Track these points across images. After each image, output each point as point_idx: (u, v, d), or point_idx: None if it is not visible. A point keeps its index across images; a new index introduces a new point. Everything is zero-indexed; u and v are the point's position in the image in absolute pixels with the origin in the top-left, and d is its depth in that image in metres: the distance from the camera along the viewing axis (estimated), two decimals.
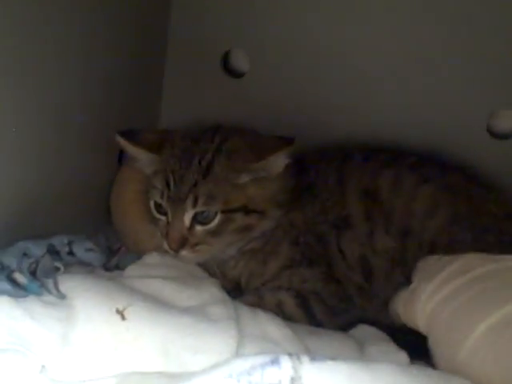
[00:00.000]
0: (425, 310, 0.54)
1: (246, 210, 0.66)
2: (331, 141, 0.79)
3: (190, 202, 0.65)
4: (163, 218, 0.68)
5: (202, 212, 0.65)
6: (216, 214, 0.65)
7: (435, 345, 0.54)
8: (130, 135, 0.69)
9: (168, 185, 0.66)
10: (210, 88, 0.85)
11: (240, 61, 0.85)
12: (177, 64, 0.85)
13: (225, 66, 0.85)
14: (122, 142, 0.69)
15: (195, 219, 0.66)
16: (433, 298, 0.54)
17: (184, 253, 0.66)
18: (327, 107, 0.82)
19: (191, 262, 0.69)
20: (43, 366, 0.48)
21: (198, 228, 0.66)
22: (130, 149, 0.70)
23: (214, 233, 0.66)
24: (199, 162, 0.66)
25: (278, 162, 0.66)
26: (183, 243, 0.66)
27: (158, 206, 0.68)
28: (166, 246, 0.67)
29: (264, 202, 0.67)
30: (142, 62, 0.81)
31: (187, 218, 0.66)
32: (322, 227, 0.69)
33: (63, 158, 0.69)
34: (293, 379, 0.42)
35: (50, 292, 0.55)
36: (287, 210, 0.69)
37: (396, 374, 0.44)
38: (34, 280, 0.55)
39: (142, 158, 0.71)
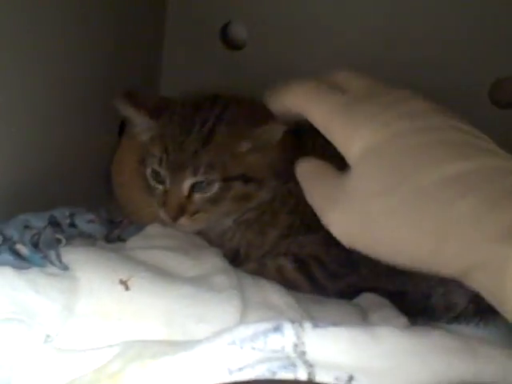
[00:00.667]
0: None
1: (245, 179, 0.66)
2: None
3: (190, 170, 0.64)
4: (160, 186, 0.67)
5: (201, 181, 0.65)
6: (215, 182, 0.65)
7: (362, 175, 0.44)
8: (129, 97, 0.68)
9: (167, 151, 0.65)
10: (209, 60, 0.85)
11: (239, 33, 0.84)
12: (176, 36, 0.85)
13: (224, 38, 0.84)
14: (121, 104, 0.68)
15: (194, 187, 0.65)
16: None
17: (182, 221, 0.66)
18: None
19: (188, 230, 0.69)
20: (48, 336, 0.48)
21: (197, 196, 0.66)
22: (129, 112, 0.69)
23: (213, 201, 0.66)
24: (200, 130, 0.65)
25: (278, 128, 0.65)
26: (181, 211, 0.65)
27: (156, 174, 0.67)
28: (163, 214, 0.67)
29: (262, 170, 0.67)
30: (141, 35, 0.80)
31: (186, 186, 0.65)
32: None
33: (64, 130, 0.69)
34: (296, 345, 0.42)
35: (52, 263, 0.55)
36: (285, 181, 0.68)
37: (398, 336, 0.44)
38: (37, 252, 0.55)
39: (139, 122, 0.70)
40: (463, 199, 0.38)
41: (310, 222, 0.67)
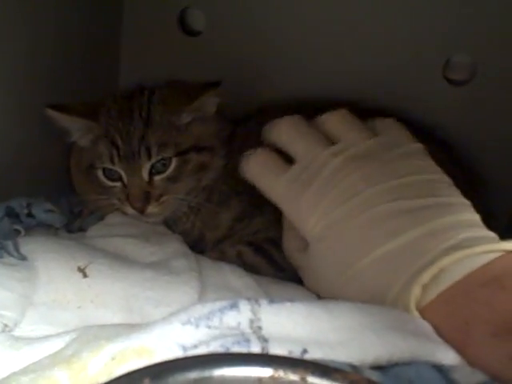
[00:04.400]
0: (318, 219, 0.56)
1: (197, 148, 0.68)
2: (289, 97, 0.80)
3: (143, 155, 0.65)
4: (117, 183, 0.68)
5: (157, 161, 0.66)
6: (171, 159, 0.67)
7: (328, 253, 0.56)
8: (60, 107, 0.68)
9: (116, 145, 0.66)
10: (167, 46, 0.84)
11: (196, 19, 0.84)
12: (133, 22, 0.84)
13: (182, 24, 0.84)
14: (55, 115, 0.68)
15: (152, 171, 0.66)
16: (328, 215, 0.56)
17: (150, 208, 0.67)
18: (283, 65, 0.82)
19: (157, 219, 0.70)
20: (5, 325, 0.48)
21: (157, 178, 0.67)
22: (64, 120, 0.69)
23: (174, 178, 0.67)
24: (139, 116, 0.67)
25: (210, 101, 0.69)
26: (147, 198, 0.66)
27: (110, 173, 0.68)
28: (129, 209, 0.67)
29: (211, 138, 0.70)
30: (98, 21, 0.80)
31: (145, 172, 0.66)
32: None
33: (24, 122, 0.68)
34: (251, 321, 0.42)
35: (10, 254, 0.55)
36: (225, 162, 0.71)
37: (353, 311, 0.44)
38: None
39: (77, 128, 0.70)
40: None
41: (257, 201, 0.68)
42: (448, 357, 0.42)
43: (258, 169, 0.62)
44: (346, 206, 0.54)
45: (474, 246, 0.48)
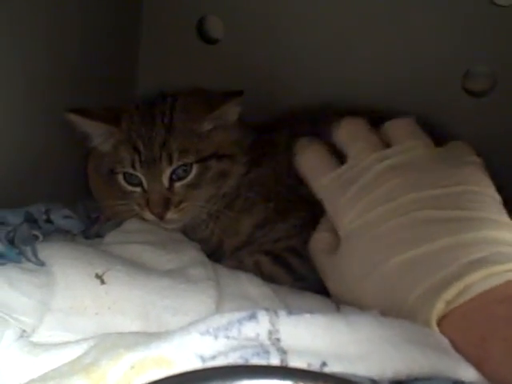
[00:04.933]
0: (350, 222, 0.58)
1: (218, 156, 0.68)
2: (306, 105, 0.80)
3: (165, 160, 0.66)
4: (137, 189, 0.69)
5: (178, 167, 0.66)
6: (191, 165, 0.67)
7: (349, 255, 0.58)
8: (82, 112, 0.69)
9: (137, 150, 0.67)
10: (185, 54, 0.85)
11: (215, 27, 0.85)
12: (152, 30, 0.85)
13: (200, 32, 0.84)
14: (77, 119, 0.69)
15: (172, 177, 0.67)
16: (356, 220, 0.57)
17: (170, 214, 0.67)
18: (302, 73, 0.82)
19: (177, 224, 0.70)
20: (24, 331, 0.48)
21: (178, 184, 0.67)
22: (86, 125, 0.69)
23: (194, 185, 0.68)
24: (161, 122, 0.67)
25: (232, 110, 0.69)
26: (167, 204, 0.67)
27: (130, 178, 0.69)
28: (148, 215, 0.68)
29: (231, 145, 0.70)
30: (118, 29, 0.80)
31: (165, 178, 0.67)
32: (290, 180, 0.69)
33: (42, 129, 0.68)
34: (270, 332, 0.42)
35: (28, 259, 0.55)
36: (248, 170, 0.71)
37: (372, 324, 0.44)
38: (13, 248, 0.55)
39: (99, 133, 0.71)
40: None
41: (285, 206, 0.68)
42: (469, 373, 0.42)
43: (312, 162, 0.63)
44: (381, 209, 0.55)
45: (498, 264, 0.47)
